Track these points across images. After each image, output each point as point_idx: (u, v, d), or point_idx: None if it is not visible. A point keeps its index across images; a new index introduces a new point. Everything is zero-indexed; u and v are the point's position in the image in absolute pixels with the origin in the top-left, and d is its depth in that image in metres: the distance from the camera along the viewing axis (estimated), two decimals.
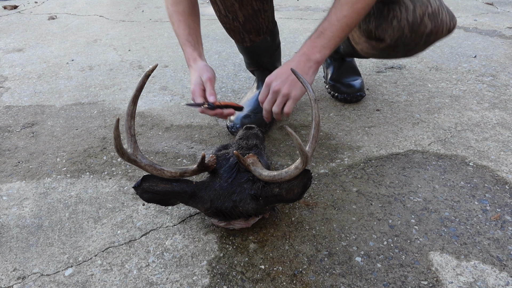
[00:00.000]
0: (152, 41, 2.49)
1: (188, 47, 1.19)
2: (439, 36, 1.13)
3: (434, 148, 1.26)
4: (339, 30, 1.02)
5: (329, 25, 1.03)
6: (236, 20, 1.21)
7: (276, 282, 0.83)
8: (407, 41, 1.13)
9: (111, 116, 1.57)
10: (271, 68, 1.42)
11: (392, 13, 1.10)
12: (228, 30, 1.28)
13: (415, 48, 1.17)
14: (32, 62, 2.19)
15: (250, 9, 1.18)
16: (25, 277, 0.87)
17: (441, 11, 1.10)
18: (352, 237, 0.94)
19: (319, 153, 1.27)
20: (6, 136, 1.46)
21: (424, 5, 1.07)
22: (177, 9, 1.20)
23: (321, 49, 1.04)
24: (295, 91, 1.05)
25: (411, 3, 1.08)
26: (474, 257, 0.88)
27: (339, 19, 1.01)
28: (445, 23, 1.11)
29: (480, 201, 1.04)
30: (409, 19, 1.08)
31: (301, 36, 2.44)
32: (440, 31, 1.12)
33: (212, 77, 1.13)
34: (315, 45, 1.04)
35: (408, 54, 1.22)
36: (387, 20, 1.12)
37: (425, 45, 1.16)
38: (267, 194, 0.85)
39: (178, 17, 1.20)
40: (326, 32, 1.03)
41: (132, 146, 0.85)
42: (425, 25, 1.09)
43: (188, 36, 1.19)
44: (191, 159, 1.27)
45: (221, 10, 1.19)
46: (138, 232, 0.98)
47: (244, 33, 1.26)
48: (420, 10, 1.07)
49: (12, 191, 1.16)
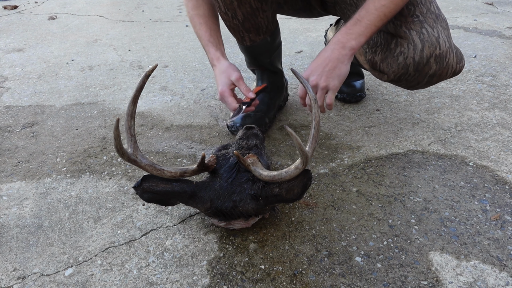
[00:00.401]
0: (152, 41, 2.49)
1: (211, 47, 1.21)
2: (442, 78, 1.12)
3: (434, 148, 1.26)
4: (377, 19, 1.02)
5: (367, 13, 1.02)
6: (235, 18, 1.22)
7: (276, 282, 0.83)
8: (410, 78, 1.12)
9: (111, 116, 1.57)
10: (271, 68, 1.42)
11: (399, 49, 1.09)
12: (229, 28, 1.29)
13: (416, 85, 1.16)
14: (32, 62, 2.19)
15: (249, 7, 1.19)
16: (25, 277, 0.87)
17: (449, 54, 1.07)
18: (352, 237, 0.94)
19: (319, 153, 1.27)
20: (6, 136, 1.46)
21: (433, 46, 1.05)
22: (198, 12, 1.22)
23: (357, 37, 1.03)
24: (333, 82, 1.04)
25: (420, 42, 1.06)
26: (474, 257, 0.88)
27: (377, 8, 1.01)
28: (451, 66, 1.09)
29: (480, 201, 1.04)
30: (416, 58, 1.06)
31: (301, 36, 2.44)
32: (444, 73, 1.10)
33: (241, 75, 1.15)
34: (351, 32, 1.03)
35: (410, 89, 1.22)
36: (394, 54, 1.11)
37: (427, 85, 1.15)
38: (267, 194, 0.86)
39: (199, 19, 1.22)
40: (363, 20, 1.02)
41: (132, 146, 0.85)
42: (430, 66, 1.07)
43: (210, 37, 1.21)
44: (191, 159, 1.27)
45: (221, 7, 1.21)
46: (138, 232, 0.98)
47: (244, 31, 1.26)
48: (428, 51, 1.05)
49: (12, 191, 1.16)
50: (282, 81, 1.49)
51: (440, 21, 1.09)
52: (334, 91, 1.05)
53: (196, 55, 2.20)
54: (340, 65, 1.03)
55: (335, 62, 1.03)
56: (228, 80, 1.15)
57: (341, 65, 1.03)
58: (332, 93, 1.05)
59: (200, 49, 2.29)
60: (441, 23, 1.09)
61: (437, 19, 1.09)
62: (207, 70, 1.98)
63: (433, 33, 1.06)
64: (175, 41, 2.46)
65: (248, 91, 1.15)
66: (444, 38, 1.06)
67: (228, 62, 1.18)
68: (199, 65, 2.06)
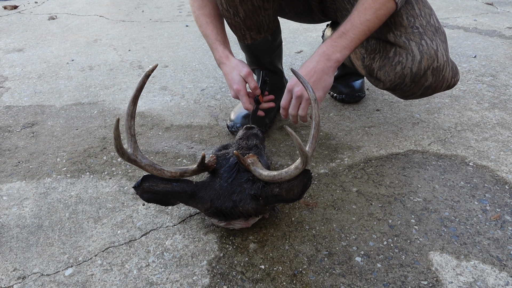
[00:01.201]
0: (152, 41, 2.49)
1: (219, 45, 1.22)
2: (437, 90, 1.13)
3: (434, 148, 1.26)
4: (361, 33, 1.04)
5: (352, 27, 1.04)
6: (237, 16, 1.22)
7: (276, 282, 0.83)
8: (405, 88, 1.13)
9: (111, 116, 1.57)
10: (270, 67, 1.42)
11: (398, 58, 1.10)
12: (230, 26, 1.30)
13: (411, 96, 1.17)
14: (32, 62, 2.19)
15: (250, 5, 1.20)
16: (25, 277, 0.87)
17: (445, 68, 1.09)
18: (352, 237, 0.94)
19: (319, 153, 1.27)
20: (6, 136, 1.46)
21: (431, 59, 1.06)
22: (204, 12, 1.24)
23: (342, 49, 1.05)
24: (318, 93, 1.06)
25: (419, 54, 1.06)
26: (474, 257, 0.88)
27: (362, 22, 1.03)
28: (446, 79, 1.11)
29: (480, 201, 1.04)
30: (413, 69, 1.07)
31: (301, 36, 2.44)
32: (439, 86, 1.12)
33: (250, 71, 1.16)
34: (336, 45, 1.05)
35: (403, 98, 1.23)
36: (392, 63, 1.11)
37: (421, 96, 1.16)
38: (267, 194, 0.86)
39: (205, 19, 1.24)
40: (348, 33, 1.04)
41: (132, 146, 0.85)
42: (427, 78, 1.08)
43: (217, 36, 1.23)
44: (191, 159, 1.27)
45: (223, 3, 1.21)
46: (138, 232, 0.98)
47: (245, 29, 1.27)
48: (426, 63, 1.06)
49: (12, 191, 1.16)
50: (283, 81, 1.49)
51: (439, 34, 1.10)
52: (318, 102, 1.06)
53: (196, 55, 2.20)
54: (325, 76, 1.05)
55: (320, 73, 1.05)
56: (240, 77, 1.16)
57: (326, 77, 1.05)
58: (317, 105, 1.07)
59: (200, 49, 2.29)
60: (440, 36, 1.10)
61: (436, 32, 1.10)
62: (207, 70, 1.98)
63: (432, 45, 1.07)
64: (175, 41, 2.46)
65: (256, 88, 1.17)
66: (442, 52, 1.07)
67: (237, 59, 1.19)
68: (199, 65, 2.06)
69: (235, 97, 1.20)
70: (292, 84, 1.08)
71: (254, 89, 1.18)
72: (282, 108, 1.14)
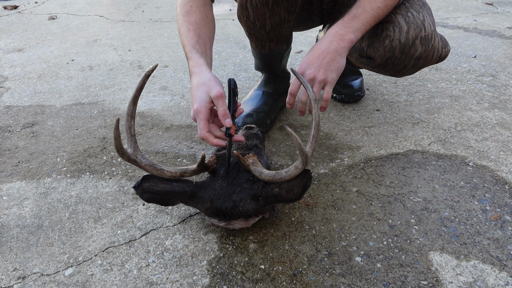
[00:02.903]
0: (152, 41, 2.49)
1: (195, 53, 1.04)
2: (428, 61, 1.13)
3: (434, 148, 1.26)
4: (371, 19, 1.04)
5: (363, 11, 1.03)
6: (262, 28, 1.20)
7: (276, 282, 0.83)
8: (396, 61, 1.13)
9: (111, 116, 1.57)
10: (280, 73, 1.44)
11: (385, 32, 1.10)
12: (250, 36, 1.26)
13: (403, 69, 1.16)
14: (32, 62, 2.19)
15: (278, 18, 1.18)
16: (25, 277, 0.87)
17: (434, 37, 1.10)
18: (352, 237, 0.94)
19: (319, 153, 1.27)
20: (6, 136, 1.46)
21: (418, 28, 1.07)
22: (189, 19, 1.11)
23: (355, 31, 1.02)
24: (331, 75, 1.00)
25: (405, 24, 1.07)
26: (474, 257, 0.88)
27: (373, 8, 1.03)
28: (437, 49, 1.11)
29: (480, 201, 1.04)
30: (401, 40, 1.08)
31: (301, 36, 2.44)
32: (430, 56, 1.11)
33: (223, 93, 0.93)
34: (349, 26, 1.03)
35: (397, 75, 1.21)
36: (380, 38, 1.12)
37: (413, 69, 1.16)
38: (267, 194, 0.86)
39: (188, 26, 1.09)
40: (360, 16, 1.03)
41: (132, 146, 0.85)
42: (416, 48, 1.09)
43: (196, 44, 1.06)
44: (191, 159, 1.27)
45: (250, 17, 1.17)
46: (138, 232, 0.98)
47: (267, 40, 1.26)
48: (414, 33, 1.07)
49: (12, 191, 1.16)
50: (288, 85, 1.50)
51: (426, 9, 1.12)
52: (332, 84, 1.01)
53: None
54: (338, 57, 1.01)
55: (333, 54, 1.00)
56: (207, 96, 0.93)
57: (339, 58, 1.01)
58: (330, 87, 1.01)
59: None
60: (427, 10, 1.12)
61: (423, 6, 1.12)
62: None
63: (419, 16, 1.08)
64: (175, 41, 2.46)
65: (226, 116, 0.92)
66: (429, 22, 1.08)
67: (211, 74, 0.98)
68: None
69: (193, 118, 0.96)
70: (303, 67, 1.02)
71: (223, 117, 0.92)
72: (291, 95, 1.04)
